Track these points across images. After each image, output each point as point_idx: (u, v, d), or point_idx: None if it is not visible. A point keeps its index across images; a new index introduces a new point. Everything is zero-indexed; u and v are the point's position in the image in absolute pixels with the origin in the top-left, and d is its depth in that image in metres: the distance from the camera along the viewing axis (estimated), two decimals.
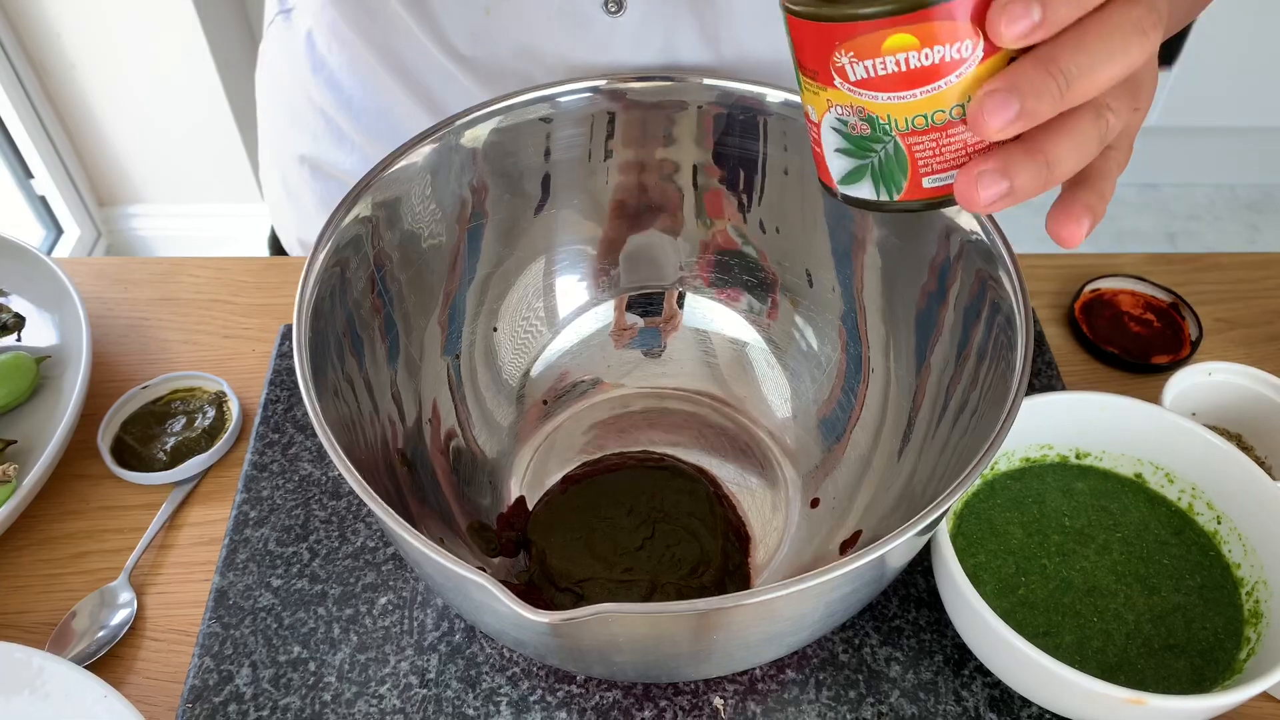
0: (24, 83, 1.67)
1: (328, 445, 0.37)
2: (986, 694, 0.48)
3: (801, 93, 0.34)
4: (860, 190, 0.34)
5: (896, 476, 0.50)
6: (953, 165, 0.32)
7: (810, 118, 0.34)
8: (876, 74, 0.31)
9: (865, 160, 0.33)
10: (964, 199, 0.31)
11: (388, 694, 0.47)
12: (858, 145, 0.33)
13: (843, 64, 0.31)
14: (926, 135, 0.32)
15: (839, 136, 0.33)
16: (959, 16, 0.29)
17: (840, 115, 0.33)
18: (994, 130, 0.30)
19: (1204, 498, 0.50)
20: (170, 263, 0.71)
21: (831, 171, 0.35)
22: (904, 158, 0.32)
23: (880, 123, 0.32)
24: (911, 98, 0.31)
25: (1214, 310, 0.67)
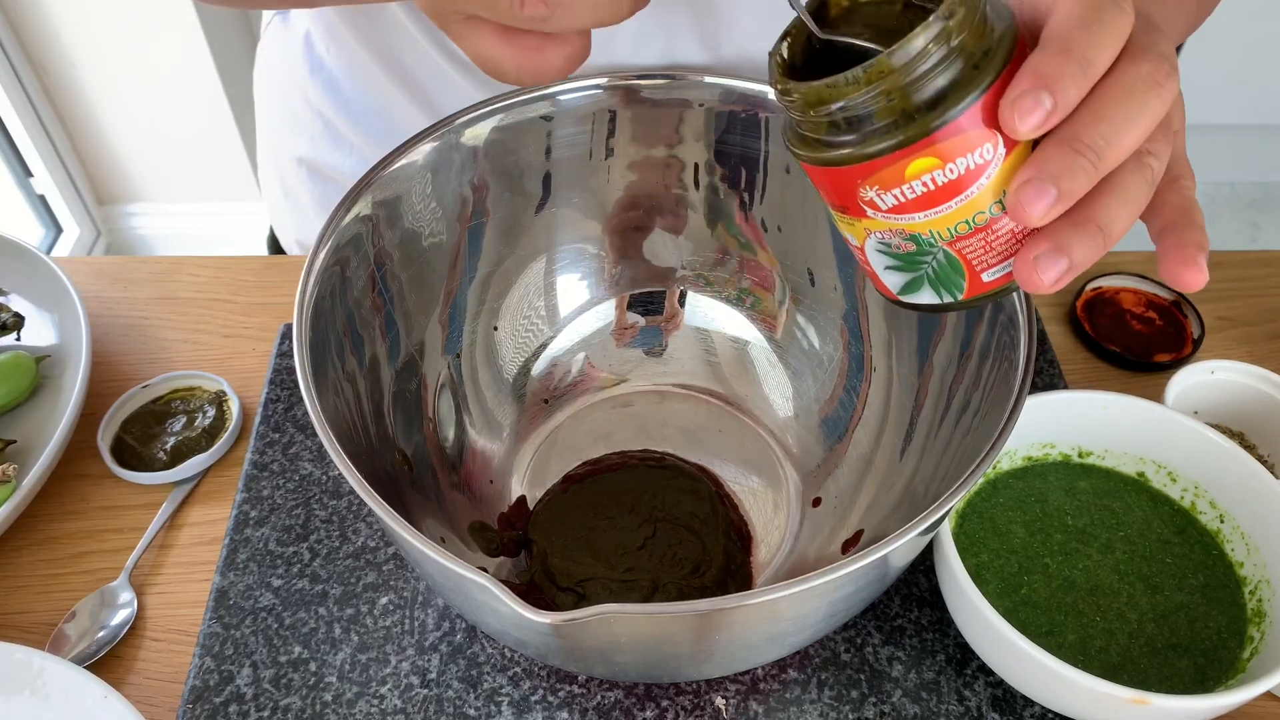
0: (23, 81, 1.66)
1: (328, 444, 0.37)
2: (989, 694, 0.47)
3: (835, 222, 0.34)
4: (922, 298, 0.34)
5: (899, 476, 0.50)
6: (1008, 254, 0.32)
7: (851, 242, 0.34)
8: (907, 198, 0.30)
9: (919, 272, 0.33)
10: (1027, 285, 0.31)
11: (389, 694, 0.47)
12: (907, 261, 0.33)
13: (870, 197, 0.31)
14: (973, 237, 0.31)
15: (886, 256, 0.33)
16: (971, 127, 0.29)
17: (882, 239, 0.33)
18: (1036, 219, 0.29)
19: (1207, 496, 0.50)
20: (170, 262, 0.70)
21: (888, 286, 0.35)
22: (957, 262, 0.32)
23: (924, 238, 0.32)
24: (948, 210, 0.31)
25: (1216, 308, 0.66)
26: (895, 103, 0.29)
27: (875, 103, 0.29)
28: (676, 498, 0.53)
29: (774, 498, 0.54)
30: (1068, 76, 0.28)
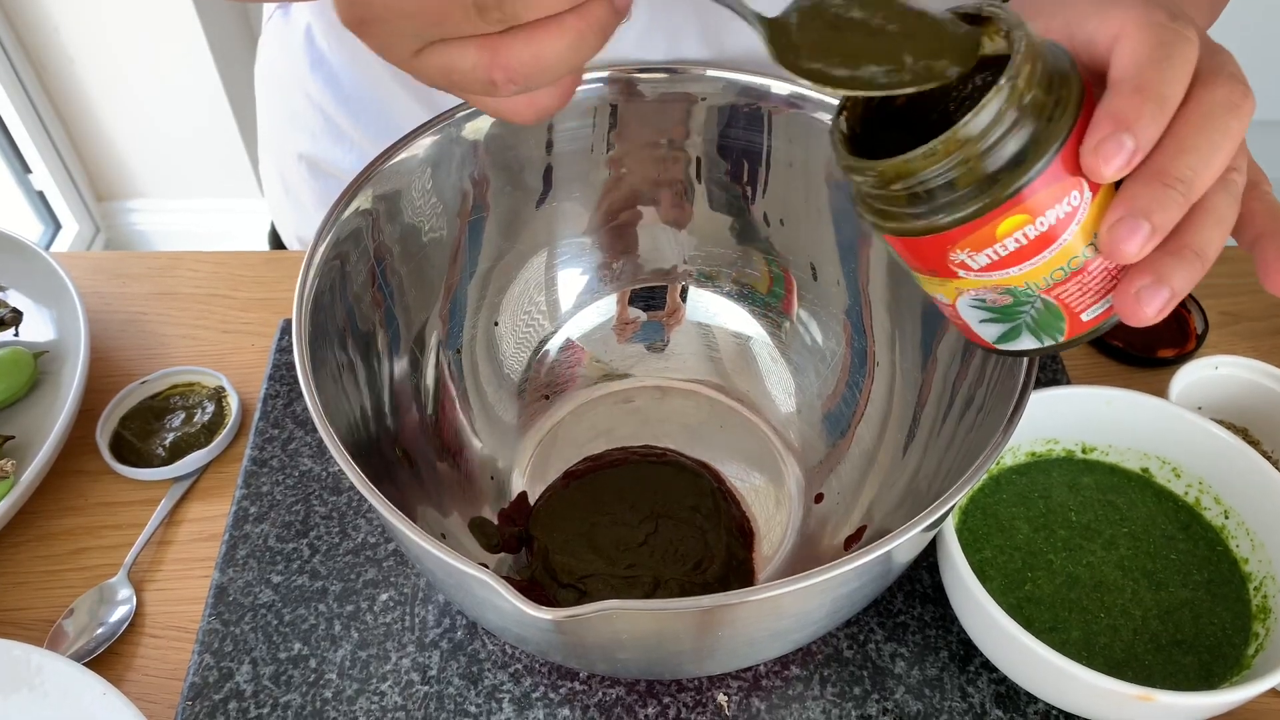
0: (22, 77, 1.66)
1: (328, 440, 0.37)
2: (992, 690, 0.47)
3: (922, 284, 0.34)
4: (1022, 344, 0.34)
5: (901, 472, 0.50)
6: (1105, 291, 0.32)
7: (940, 301, 0.34)
8: (1000, 256, 0.31)
9: (1017, 321, 0.33)
10: (1131, 318, 0.31)
11: (389, 691, 0.47)
12: (1004, 313, 0.33)
13: (961, 259, 0.31)
14: (1068, 282, 0.31)
15: (981, 311, 0.33)
16: (1055, 179, 0.29)
17: (976, 295, 0.33)
18: (1133, 256, 0.30)
19: (1211, 492, 0.50)
20: (169, 257, 0.70)
21: (984, 338, 0.35)
22: (1055, 308, 0.32)
23: (1020, 290, 0.32)
24: (1042, 260, 0.31)
25: (1220, 304, 0.66)
26: (976, 168, 0.29)
27: (956, 171, 0.29)
28: (678, 494, 0.53)
29: (776, 493, 0.54)
30: (1146, 115, 0.28)
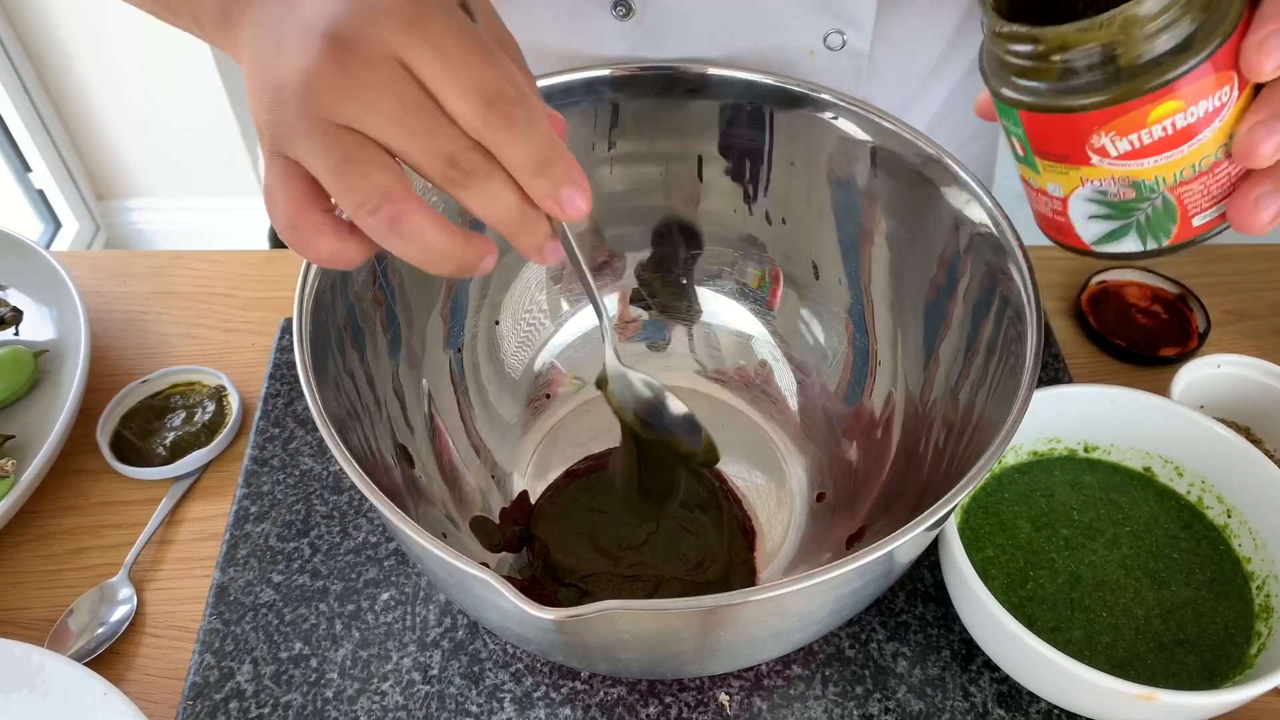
0: (21, 76, 1.66)
1: (329, 439, 0.37)
2: (994, 689, 0.47)
3: (1036, 174, 0.34)
4: (1123, 246, 0.34)
5: (904, 471, 0.50)
6: (1220, 199, 0.33)
7: (1049, 193, 0.34)
8: (1142, 144, 0.31)
9: (1129, 220, 0.34)
10: (1244, 225, 0.32)
11: (390, 690, 0.47)
12: (1119, 209, 0.33)
13: (1102, 144, 0.31)
14: (1195, 182, 0.32)
15: (1096, 205, 0.34)
16: (1215, 71, 0.30)
17: (1099, 187, 0.33)
18: (1265, 159, 0.30)
19: (1214, 491, 0.49)
20: (169, 256, 0.70)
21: (1084, 237, 0.35)
22: (1173, 208, 0.33)
23: (1147, 184, 0.32)
24: (1179, 154, 0.31)
25: (1222, 302, 0.66)
26: (1142, 49, 0.29)
27: (1122, 49, 0.29)
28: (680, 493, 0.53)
29: (778, 493, 0.54)
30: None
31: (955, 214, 0.47)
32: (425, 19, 0.30)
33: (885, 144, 0.49)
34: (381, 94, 0.29)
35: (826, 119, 0.50)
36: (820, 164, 0.52)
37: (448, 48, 0.30)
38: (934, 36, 0.58)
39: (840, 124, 0.50)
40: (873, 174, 0.51)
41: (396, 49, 0.29)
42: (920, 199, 0.49)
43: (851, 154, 0.51)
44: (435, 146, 0.30)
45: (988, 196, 0.45)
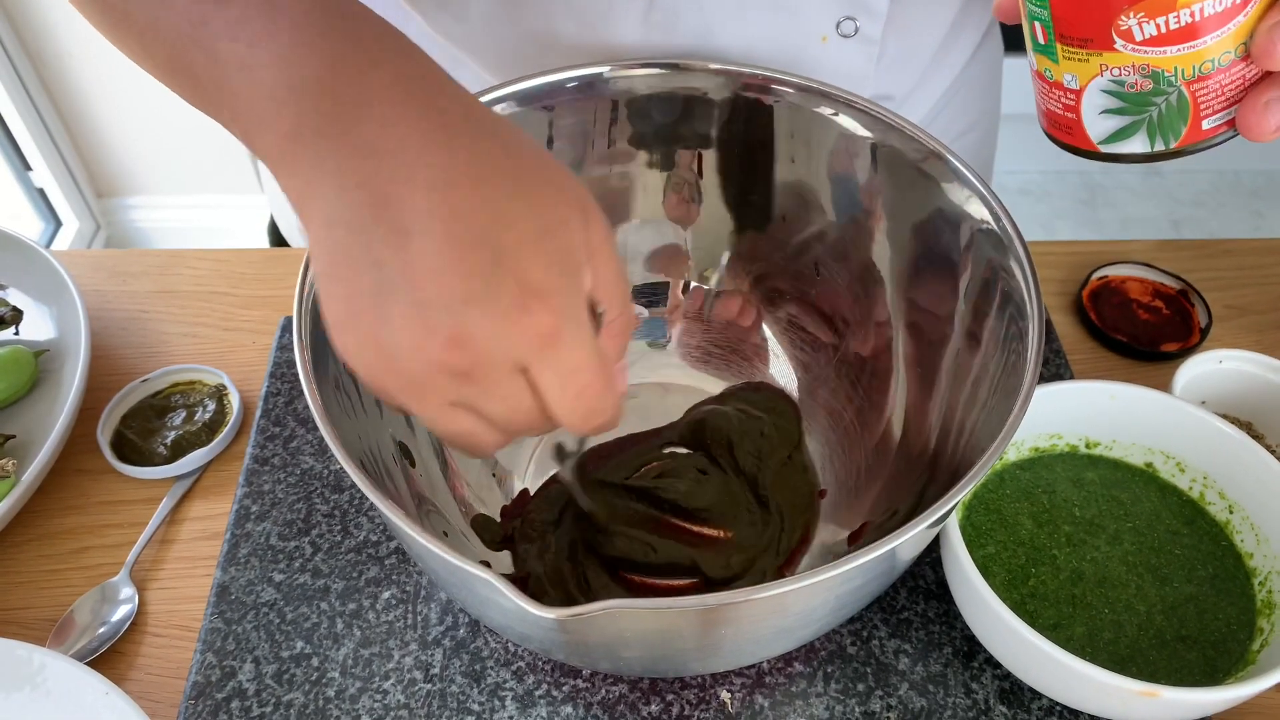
0: (21, 74, 1.66)
1: (329, 438, 0.37)
2: (996, 686, 0.47)
3: (1055, 63, 0.34)
4: (1130, 146, 0.35)
5: (905, 468, 0.50)
6: (1231, 102, 0.33)
7: (1064, 85, 0.35)
8: (1169, 29, 0.31)
9: (1141, 115, 0.34)
10: (1251, 128, 0.32)
11: (392, 689, 0.47)
12: (1134, 102, 0.34)
13: (1129, 26, 0.32)
14: (1211, 79, 0.32)
15: (1111, 98, 0.34)
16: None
17: (1117, 76, 0.33)
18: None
19: (1215, 487, 0.49)
20: (169, 255, 0.70)
21: (1092, 133, 0.35)
22: (1186, 105, 0.33)
23: (1165, 75, 0.33)
24: (1202, 45, 0.32)
25: (1223, 297, 0.66)
26: None
27: None
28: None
29: None
30: None
31: (956, 210, 0.47)
32: (559, 339, 0.30)
33: (886, 140, 0.49)
34: (500, 402, 0.31)
35: (827, 115, 0.50)
36: (821, 160, 0.52)
37: (570, 375, 0.31)
38: (937, 24, 0.58)
39: (841, 120, 0.50)
40: (873, 170, 0.51)
41: (525, 362, 0.31)
42: (921, 195, 0.49)
43: (852, 150, 0.51)
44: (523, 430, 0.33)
45: (988, 193, 0.45)
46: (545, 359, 0.30)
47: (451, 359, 0.30)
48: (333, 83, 0.31)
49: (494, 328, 0.29)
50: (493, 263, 0.29)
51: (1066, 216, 1.99)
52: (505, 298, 0.29)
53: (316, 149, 0.31)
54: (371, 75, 0.31)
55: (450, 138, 0.30)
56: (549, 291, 0.30)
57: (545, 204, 0.31)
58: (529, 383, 0.31)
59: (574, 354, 0.31)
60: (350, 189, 0.30)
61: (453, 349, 0.29)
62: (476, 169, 0.30)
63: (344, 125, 0.30)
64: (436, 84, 0.32)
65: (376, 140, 0.30)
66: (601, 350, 0.32)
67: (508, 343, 0.30)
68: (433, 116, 0.31)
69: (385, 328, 0.30)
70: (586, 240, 0.32)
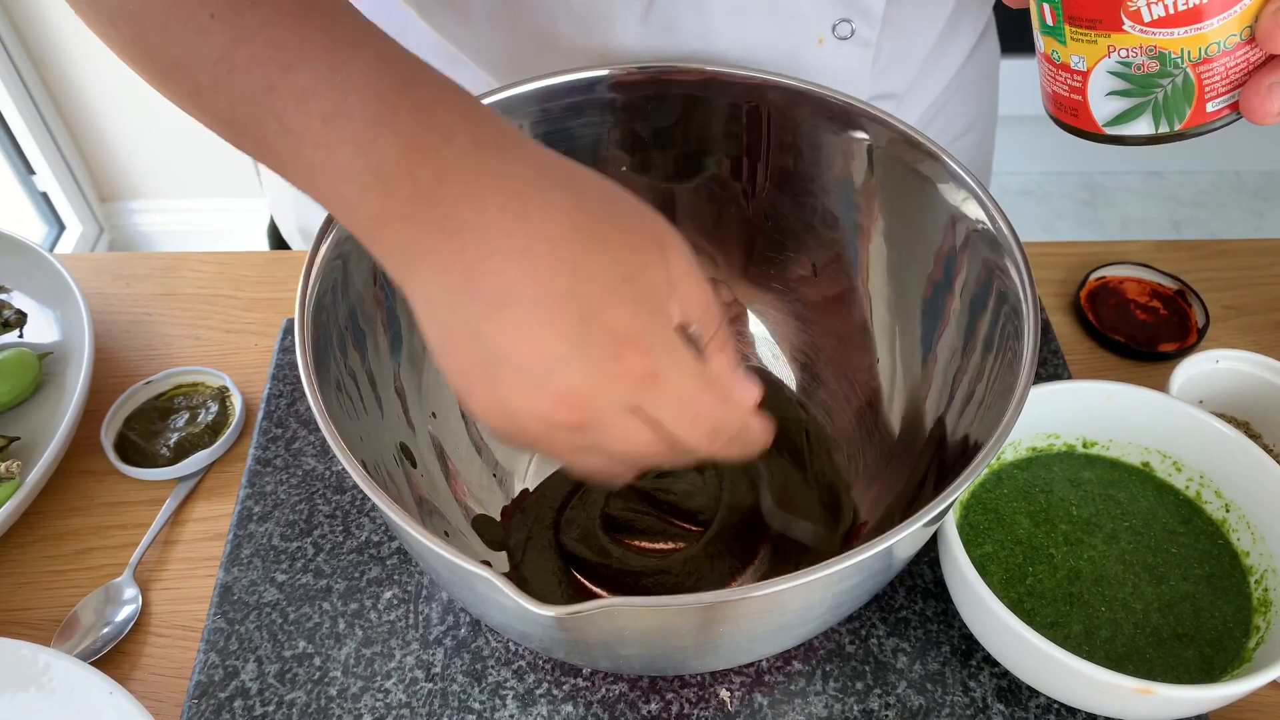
0: (24, 78, 1.66)
1: (331, 439, 0.37)
2: (994, 684, 0.47)
3: (1062, 45, 0.35)
4: (1135, 128, 0.35)
5: (902, 467, 0.50)
6: (1235, 85, 0.33)
7: (1072, 67, 0.35)
8: (1178, 10, 0.32)
9: (1147, 97, 0.34)
10: (1254, 111, 0.33)
11: (393, 688, 0.47)
12: (1140, 84, 0.34)
13: (1137, 7, 0.32)
14: (1217, 61, 0.33)
15: (1117, 79, 0.34)
16: None
17: (1124, 58, 0.34)
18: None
19: (1212, 486, 0.50)
20: (172, 258, 0.70)
21: (1097, 116, 0.36)
22: (1191, 88, 0.34)
23: (1172, 57, 0.33)
24: (1209, 27, 0.32)
25: (1221, 297, 0.66)
26: None
27: None
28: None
29: None
30: None
31: (952, 211, 0.47)
32: (659, 374, 0.32)
33: (882, 142, 0.49)
34: (621, 443, 0.33)
35: (824, 117, 0.51)
36: (817, 162, 0.53)
37: (681, 400, 0.32)
38: (932, 26, 0.58)
39: (838, 122, 0.50)
40: (869, 172, 0.51)
41: (635, 404, 0.32)
42: (917, 196, 0.49)
43: (849, 152, 0.51)
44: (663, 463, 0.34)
45: (984, 193, 0.45)
46: (650, 398, 0.32)
47: (562, 416, 0.31)
48: (410, 165, 0.32)
49: (593, 380, 0.31)
50: (580, 319, 0.31)
51: (1067, 217, 2.00)
52: (597, 349, 0.31)
53: (404, 233, 0.32)
54: (445, 151, 0.32)
55: (524, 203, 0.31)
56: (638, 334, 0.31)
57: (621, 250, 0.32)
58: (644, 421, 0.32)
59: (676, 385, 0.32)
60: (443, 270, 0.32)
61: (561, 407, 0.31)
62: (552, 229, 0.31)
63: (427, 206, 0.32)
64: (507, 144, 0.33)
65: (458, 217, 0.31)
66: (707, 372, 0.33)
67: (609, 391, 0.31)
68: (506, 183, 0.32)
69: (500, 393, 0.32)
70: (667, 275, 0.33)
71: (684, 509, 0.51)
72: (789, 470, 0.53)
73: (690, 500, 0.51)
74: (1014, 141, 1.79)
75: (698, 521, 0.51)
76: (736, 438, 0.35)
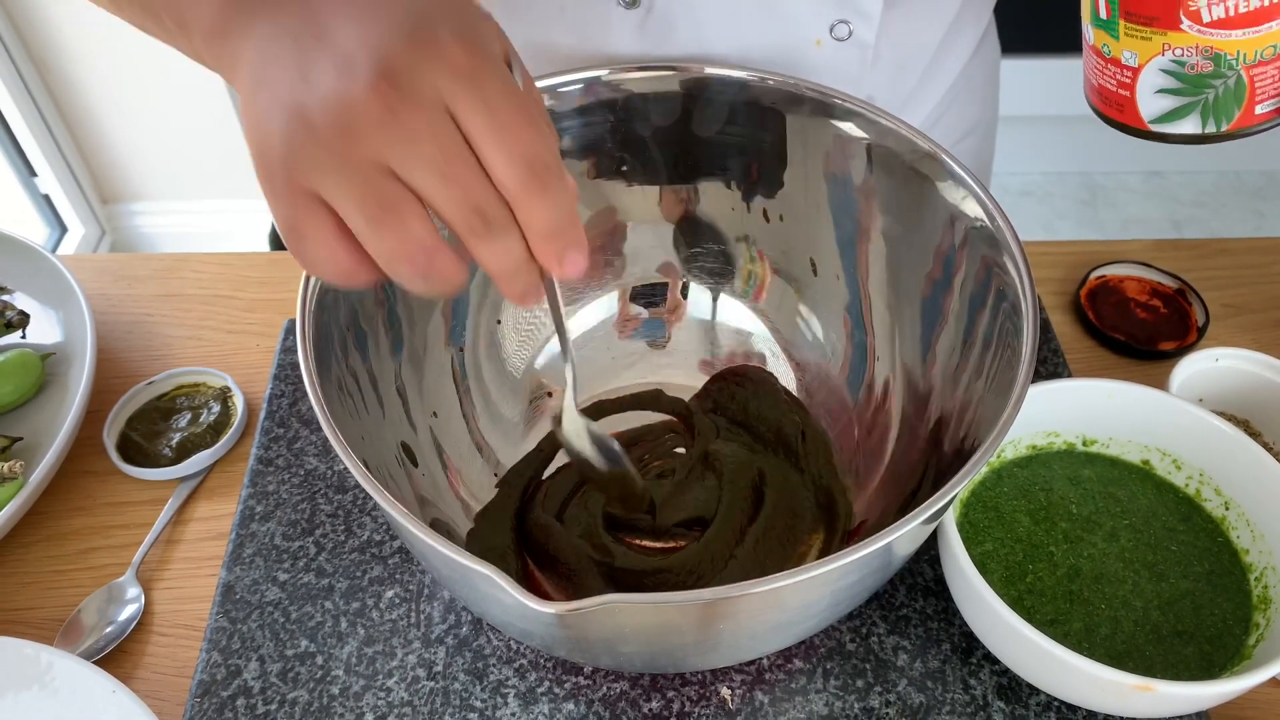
0: (26, 81, 1.67)
1: (332, 438, 0.37)
2: (995, 682, 0.47)
3: (1115, 40, 0.34)
4: (1181, 126, 0.35)
5: (902, 465, 0.50)
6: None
7: (1122, 62, 0.35)
8: (1237, 12, 0.32)
9: (1197, 97, 0.34)
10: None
11: (395, 687, 0.47)
12: (1192, 84, 0.34)
13: (1198, 7, 0.32)
14: (1271, 64, 0.33)
15: (1169, 78, 0.34)
16: None
17: (1178, 57, 0.33)
18: None
19: (1212, 483, 0.50)
20: (174, 258, 0.71)
21: (1145, 112, 0.35)
22: (1244, 89, 0.34)
23: (1227, 59, 0.33)
24: (1267, 30, 0.32)
25: (1220, 296, 0.66)
26: None
27: None
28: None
29: None
30: None
31: (951, 209, 0.47)
32: (480, 73, 0.30)
33: (881, 141, 0.50)
34: (428, 140, 0.29)
35: (823, 117, 0.51)
36: (817, 161, 0.53)
37: (498, 106, 0.30)
38: (931, 31, 0.59)
39: (837, 122, 0.51)
40: (869, 171, 0.51)
41: (447, 97, 0.30)
42: (916, 195, 0.49)
43: (848, 151, 0.51)
44: (468, 199, 0.30)
45: (983, 191, 0.45)
46: (468, 92, 0.30)
47: (376, 95, 0.29)
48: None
49: (415, 61, 0.29)
50: (408, 16, 0.30)
51: (1068, 217, 2.00)
52: (423, 37, 0.30)
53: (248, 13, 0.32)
54: None
55: None
56: (465, 35, 0.30)
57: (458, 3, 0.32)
58: (456, 129, 0.30)
59: (495, 87, 0.30)
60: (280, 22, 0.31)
61: (377, 84, 0.29)
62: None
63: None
64: None
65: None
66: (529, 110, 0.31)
67: (430, 73, 0.29)
68: None
69: (304, 86, 0.30)
70: (500, 42, 0.32)
71: (683, 510, 0.51)
72: (786, 471, 0.53)
73: (689, 501, 0.51)
74: (1014, 141, 1.80)
75: (697, 522, 0.51)
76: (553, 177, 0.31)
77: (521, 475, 0.54)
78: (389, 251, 0.30)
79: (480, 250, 0.31)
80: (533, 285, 0.33)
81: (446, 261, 0.31)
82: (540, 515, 0.51)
